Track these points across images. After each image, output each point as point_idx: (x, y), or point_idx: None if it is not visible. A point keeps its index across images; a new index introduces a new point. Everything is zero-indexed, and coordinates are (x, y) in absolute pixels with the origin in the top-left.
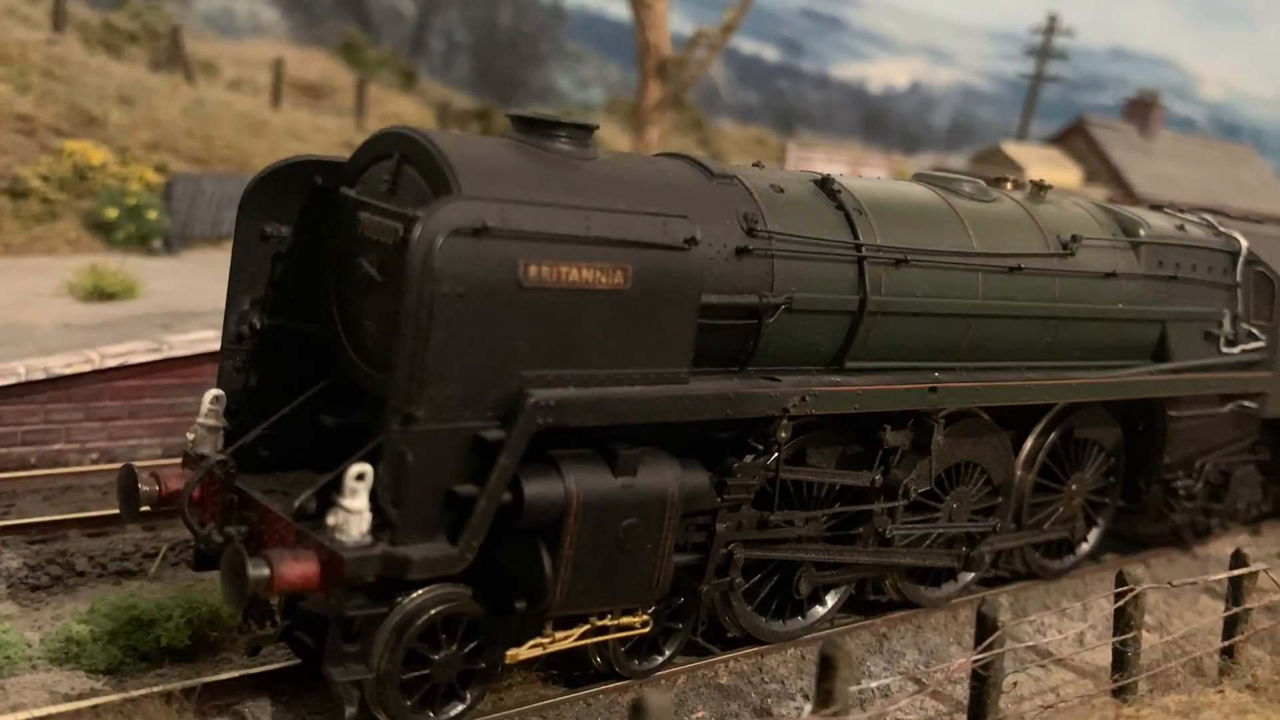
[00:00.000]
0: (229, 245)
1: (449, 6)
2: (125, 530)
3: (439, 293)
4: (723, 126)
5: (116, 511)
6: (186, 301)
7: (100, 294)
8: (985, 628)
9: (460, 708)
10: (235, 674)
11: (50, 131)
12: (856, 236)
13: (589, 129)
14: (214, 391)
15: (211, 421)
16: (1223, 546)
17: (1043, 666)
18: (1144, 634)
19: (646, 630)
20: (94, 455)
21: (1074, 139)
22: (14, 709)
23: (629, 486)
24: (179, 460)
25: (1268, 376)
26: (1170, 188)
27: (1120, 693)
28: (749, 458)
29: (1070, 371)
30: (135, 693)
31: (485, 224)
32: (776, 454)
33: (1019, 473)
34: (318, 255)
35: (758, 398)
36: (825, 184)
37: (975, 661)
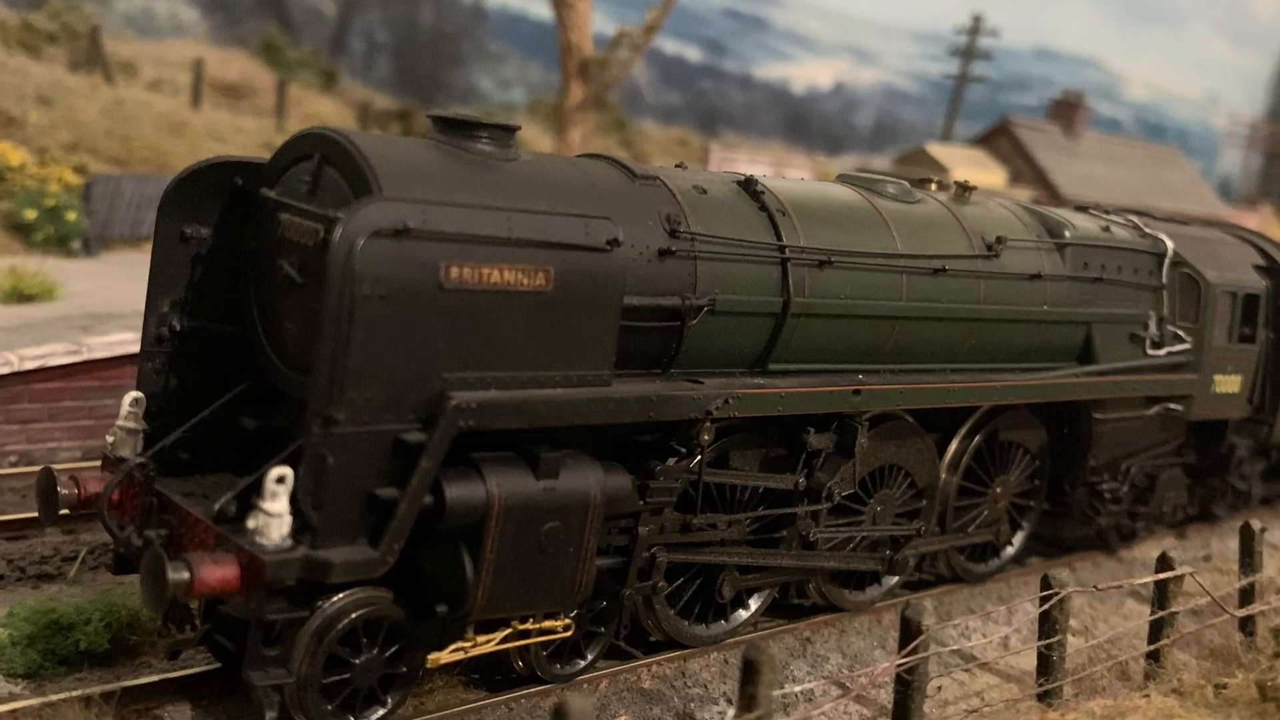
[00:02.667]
0: (149, 247)
1: (370, 7)
2: (44, 533)
3: (359, 294)
4: (645, 127)
5: (35, 514)
6: (106, 303)
7: (19, 296)
8: (909, 631)
9: (381, 712)
10: (155, 678)
11: None
12: (780, 238)
13: (511, 130)
14: (133, 394)
15: (131, 424)
16: (1148, 550)
17: (967, 670)
18: (1069, 638)
19: (568, 634)
20: (12, 458)
21: (998, 140)
22: None
23: (551, 489)
24: (98, 463)
25: (1193, 379)
26: (1095, 189)
27: (1045, 697)
28: (672, 460)
29: (995, 374)
30: (54, 697)
31: (406, 225)
32: (699, 457)
33: (943, 475)
34: (238, 257)
35: (680, 400)
36: (748, 185)
37: (899, 665)
